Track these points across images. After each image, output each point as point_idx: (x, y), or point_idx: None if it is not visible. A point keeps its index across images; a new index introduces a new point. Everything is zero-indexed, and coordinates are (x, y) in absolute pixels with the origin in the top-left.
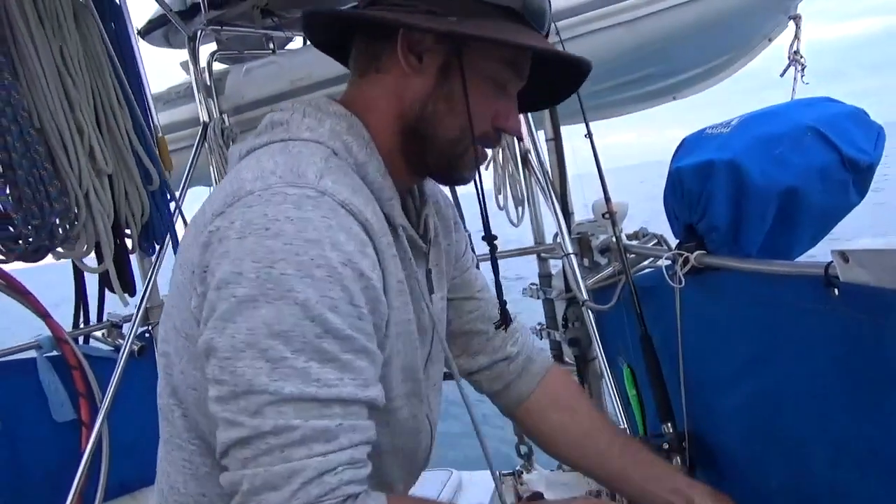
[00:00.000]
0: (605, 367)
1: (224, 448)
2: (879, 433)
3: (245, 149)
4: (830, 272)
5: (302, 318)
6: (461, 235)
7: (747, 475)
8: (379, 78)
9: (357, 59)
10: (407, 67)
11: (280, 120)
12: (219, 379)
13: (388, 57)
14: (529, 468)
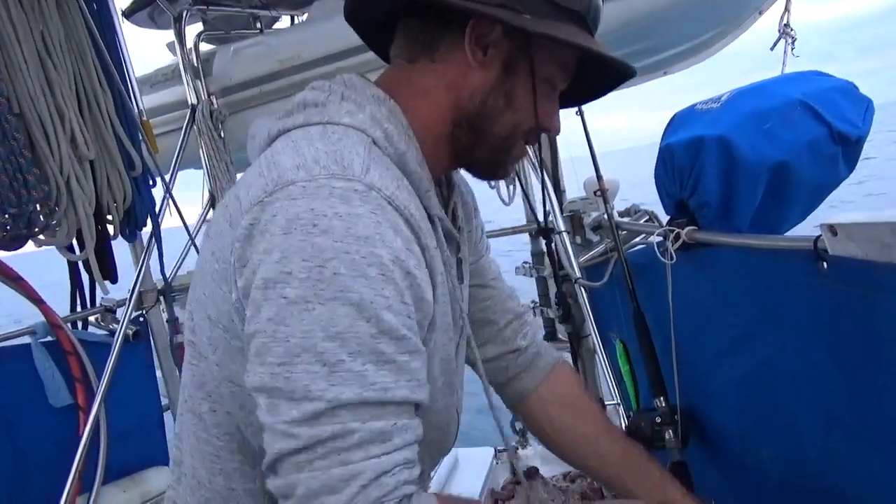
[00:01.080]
0: (598, 344)
1: (276, 457)
2: (869, 405)
3: (277, 128)
4: (819, 246)
5: (357, 319)
6: (479, 222)
7: (739, 447)
8: (434, 66)
9: (408, 43)
10: (472, 59)
11: (315, 100)
12: (270, 387)
13: (448, 45)
14: (525, 443)
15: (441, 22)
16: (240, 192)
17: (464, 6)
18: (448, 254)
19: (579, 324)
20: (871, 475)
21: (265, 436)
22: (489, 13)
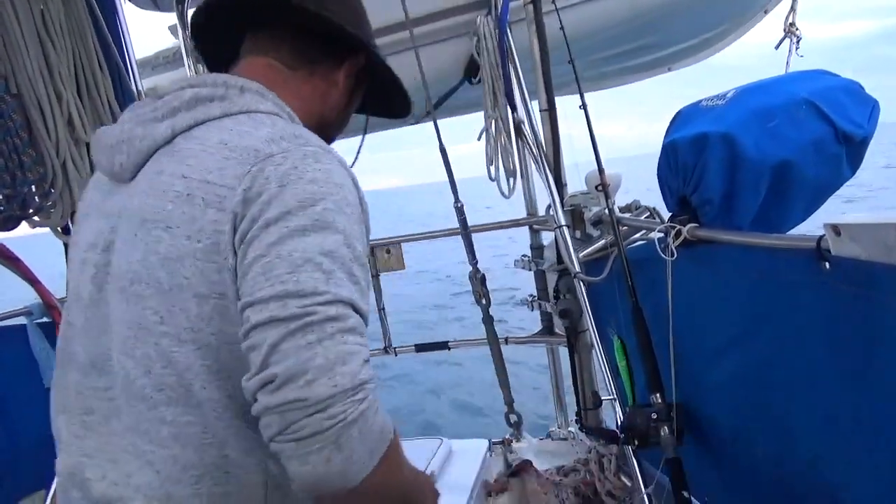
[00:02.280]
0: (595, 338)
1: (284, 336)
2: (865, 404)
3: (184, 123)
4: (822, 245)
5: (342, 245)
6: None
7: (734, 444)
8: (312, 79)
9: (292, 53)
10: (342, 84)
11: (210, 96)
12: (281, 291)
13: (328, 66)
14: (518, 436)
15: (327, 46)
16: (197, 175)
17: (363, 44)
18: None
19: (577, 318)
20: (865, 476)
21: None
22: (376, 56)
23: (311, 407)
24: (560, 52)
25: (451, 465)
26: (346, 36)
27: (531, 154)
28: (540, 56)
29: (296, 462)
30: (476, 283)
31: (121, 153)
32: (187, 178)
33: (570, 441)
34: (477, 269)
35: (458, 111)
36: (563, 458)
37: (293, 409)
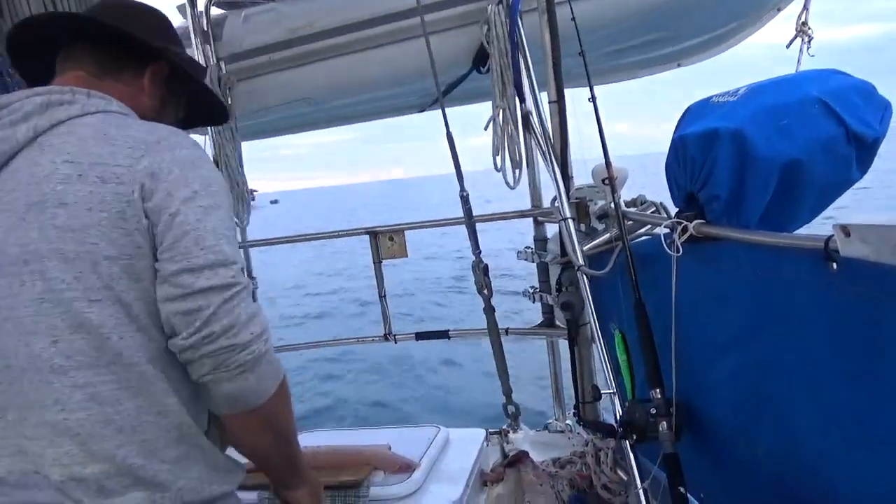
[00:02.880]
0: (597, 332)
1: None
2: (869, 406)
3: (46, 123)
4: (830, 246)
5: (230, 218)
6: None
7: (733, 442)
8: (118, 86)
9: (96, 63)
10: (148, 89)
11: (61, 101)
12: (212, 261)
13: (132, 73)
14: (516, 428)
15: (128, 55)
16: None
17: (161, 53)
18: None
19: (578, 311)
20: (867, 478)
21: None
22: (176, 63)
23: (237, 348)
24: (570, 44)
25: (448, 454)
26: (139, 45)
27: (538, 145)
28: (551, 47)
29: (225, 384)
30: (478, 274)
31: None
32: (73, 162)
33: (567, 434)
34: (480, 259)
35: (466, 100)
36: (559, 451)
37: (226, 352)
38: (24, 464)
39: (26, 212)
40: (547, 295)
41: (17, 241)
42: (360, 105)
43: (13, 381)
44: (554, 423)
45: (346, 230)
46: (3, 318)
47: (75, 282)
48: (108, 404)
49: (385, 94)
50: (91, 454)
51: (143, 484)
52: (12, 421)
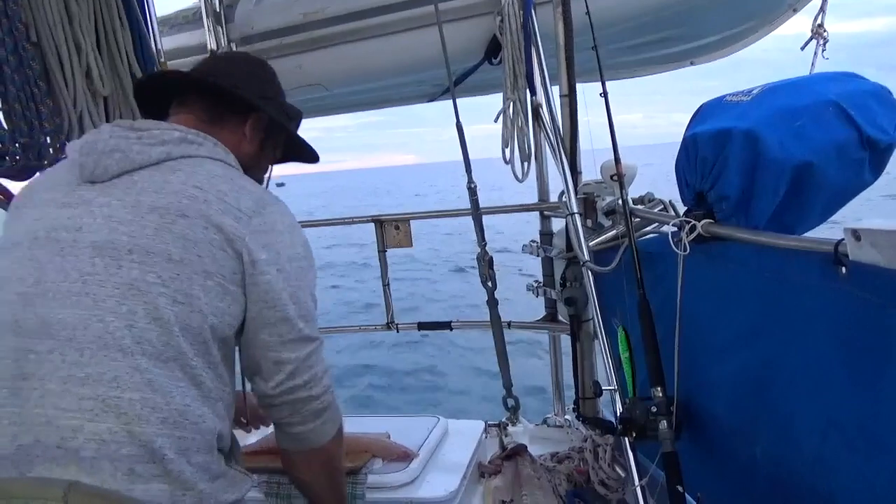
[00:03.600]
0: (600, 328)
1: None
2: (872, 412)
3: (179, 153)
4: (840, 250)
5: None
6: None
7: (733, 442)
8: (223, 133)
9: (205, 111)
10: (248, 138)
11: (193, 140)
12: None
13: (235, 123)
14: (515, 421)
15: (232, 107)
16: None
17: (260, 107)
18: None
19: (582, 307)
20: (866, 483)
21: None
22: (275, 116)
23: (313, 399)
24: (583, 38)
25: (447, 444)
26: (238, 98)
27: (547, 139)
28: (564, 40)
29: (297, 427)
30: (483, 266)
31: (111, 159)
32: (201, 189)
33: (566, 429)
34: (485, 252)
35: (477, 91)
36: (558, 445)
37: (303, 402)
38: (47, 436)
39: (148, 213)
40: (550, 289)
41: (128, 233)
42: (370, 93)
43: (69, 353)
44: (553, 417)
45: (351, 217)
46: (85, 293)
47: (169, 281)
48: (160, 394)
49: (396, 82)
50: (131, 435)
51: (170, 478)
52: (51, 391)
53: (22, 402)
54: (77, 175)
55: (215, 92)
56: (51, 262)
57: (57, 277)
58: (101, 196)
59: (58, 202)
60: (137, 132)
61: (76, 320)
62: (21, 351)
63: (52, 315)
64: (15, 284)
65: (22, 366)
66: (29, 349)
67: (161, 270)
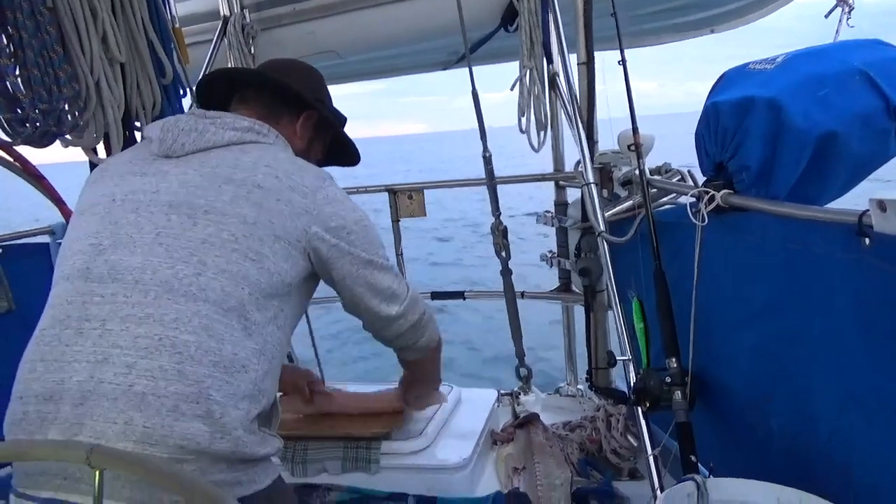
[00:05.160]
0: (614, 299)
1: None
2: (893, 385)
3: (248, 138)
4: (864, 221)
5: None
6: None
7: (748, 414)
8: (278, 127)
9: (263, 107)
10: (300, 132)
11: (260, 129)
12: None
13: (288, 119)
14: (527, 390)
15: (287, 103)
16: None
17: (314, 105)
18: None
19: (596, 278)
20: (885, 457)
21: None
22: (324, 113)
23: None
24: (601, 5)
25: (460, 412)
26: (294, 95)
27: (563, 108)
28: (583, 6)
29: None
30: (497, 236)
31: (188, 137)
32: (271, 167)
33: (579, 398)
34: (500, 222)
35: (492, 59)
36: (570, 415)
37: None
38: (103, 372)
39: (224, 183)
40: (565, 260)
41: (205, 196)
42: (383, 60)
43: (133, 294)
44: (565, 387)
45: (364, 187)
46: (158, 243)
47: (242, 239)
48: (215, 340)
49: (410, 49)
50: (182, 374)
51: (211, 419)
52: (110, 330)
53: (84, 340)
54: (155, 150)
55: (275, 88)
56: (125, 218)
57: (131, 230)
58: (178, 167)
59: (135, 172)
60: (211, 119)
61: (145, 265)
62: (88, 294)
63: (121, 262)
64: (90, 238)
65: (87, 308)
66: (95, 293)
67: (235, 229)
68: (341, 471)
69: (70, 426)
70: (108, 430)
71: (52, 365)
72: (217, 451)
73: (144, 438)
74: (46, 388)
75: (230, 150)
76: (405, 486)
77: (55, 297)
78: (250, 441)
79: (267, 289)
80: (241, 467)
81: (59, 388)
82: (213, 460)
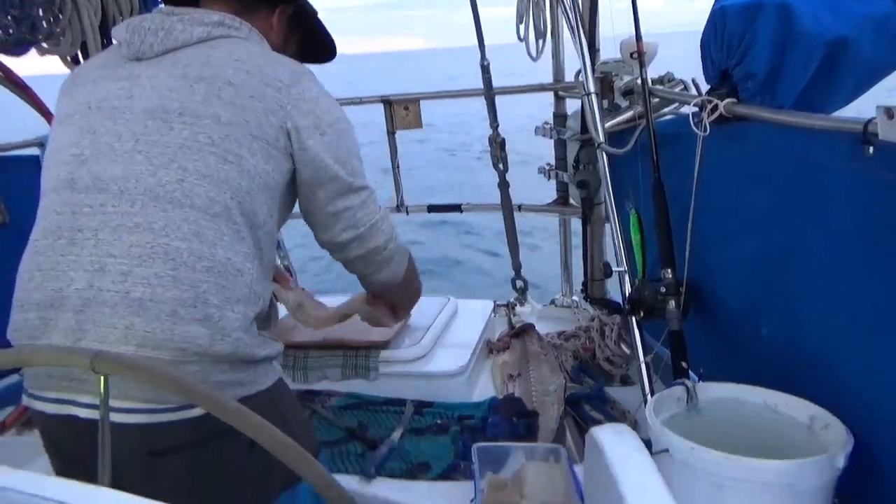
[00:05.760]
0: (612, 211)
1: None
2: (886, 293)
3: (218, 33)
4: (870, 129)
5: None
6: None
7: (739, 323)
8: (252, 21)
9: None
10: (276, 26)
11: (231, 24)
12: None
13: (263, 14)
14: (523, 301)
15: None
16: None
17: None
18: None
19: (594, 190)
20: (872, 362)
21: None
22: (300, 2)
23: (380, 249)
24: None
25: (457, 322)
26: None
27: (564, 14)
28: None
29: (374, 276)
30: (495, 147)
31: (155, 38)
32: (242, 62)
33: (574, 309)
34: (497, 133)
35: None
36: (565, 325)
37: (372, 252)
38: (101, 280)
39: (196, 82)
40: (563, 172)
41: (179, 98)
42: None
43: (120, 204)
44: (561, 298)
45: (359, 98)
46: (137, 150)
47: (219, 141)
48: (206, 244)
49: None
50: (177, 280)
51: (210, 322)
52: (103, 240)
53: (79, 250)
54: (125, 53)
55: None
56: (103, 126)
57: (111, 139)
58: (149, 69)
59: (107, 77)
60: (179, 15)
61: (128, 174)
62: (77, 205)
63: (104, 172)
64: (71, 148)
65: (78, 219)
66: (84, 203)
67: (211, 131)
68: (341, 378)
69: (72, 331)
70: (109, 335)
71: (48, 274)
72: (218, 352)
73: (146, 342)
74: (46, 297)
75: (200, 47)
76: (403, 392)
77: (44, 208)
78: (250, 342)
79: (250, 192)
80: (242, 368)
81: (58, 296)
82: (214, 362)
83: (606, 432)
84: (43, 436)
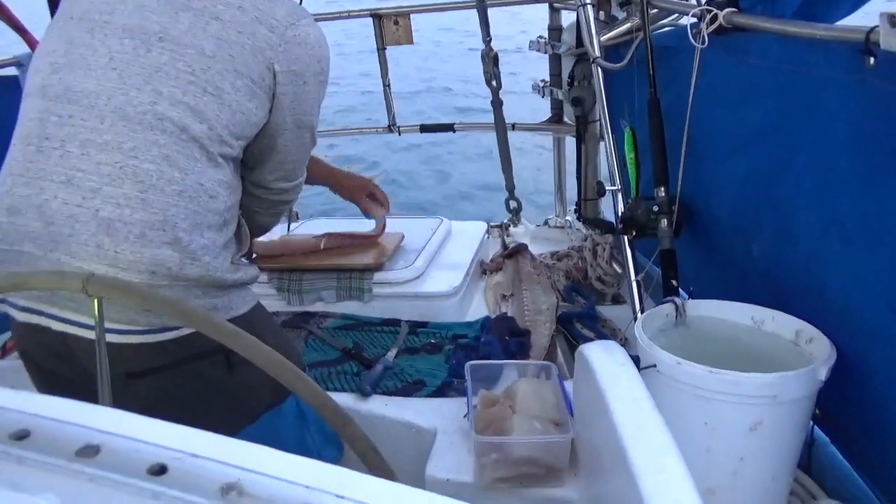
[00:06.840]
0: (607, 128)
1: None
2: (878, 209)
3: None
4: (872, 38)
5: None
6: None
7: (731, 240)
8: None
9: None
10: None
11: None
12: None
13: None
14: (517, 222)
15: None
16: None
17: None
18: None
19: (589, 107)
20: (857, 274)
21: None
22: None
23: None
24: None
25: (450, 243)
26: None
27: None
28: None
29: (262, 217)
30: (488, 63)
31: None
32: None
33: (567, 230)
34: (490, 48)
35: None
36: (558, 245)
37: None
38: (68, 194)
39: (182, 11)
40: (557, 90)
41: (160, 21)
42: None
43: (89, 119)
44: (554, 218)
45: (347, 11)
46: (112, 67)
47: (200, 72)
48: (177, 169)
49: None
50: (146, 203)
51: (179, 246)
52: (71, 153)
53: (45, 159)
54: None
55: None
56: (80, 38)
57: (85, 52)
58: None
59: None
60: None
61: (99, 90)
62: (46, 112)
63: (76, 83)
64: (48, 56)
65: (45, 126)
66: (52, 111)
67: (192, 61)
68: (336, 300)
69: (45, 243)
70: (80, 251)
71: (18, 179)
72: (188, 275)
73: (116, 262)
74: (14, 202)
75: None
76: (398, 313)
77: (21, 114)
78: (220, 267)
79: (230, 127)
80: (215, 293)
81: (25, 203)
82: (186, 287)
83: (595, 349)
84: (21, 354)
